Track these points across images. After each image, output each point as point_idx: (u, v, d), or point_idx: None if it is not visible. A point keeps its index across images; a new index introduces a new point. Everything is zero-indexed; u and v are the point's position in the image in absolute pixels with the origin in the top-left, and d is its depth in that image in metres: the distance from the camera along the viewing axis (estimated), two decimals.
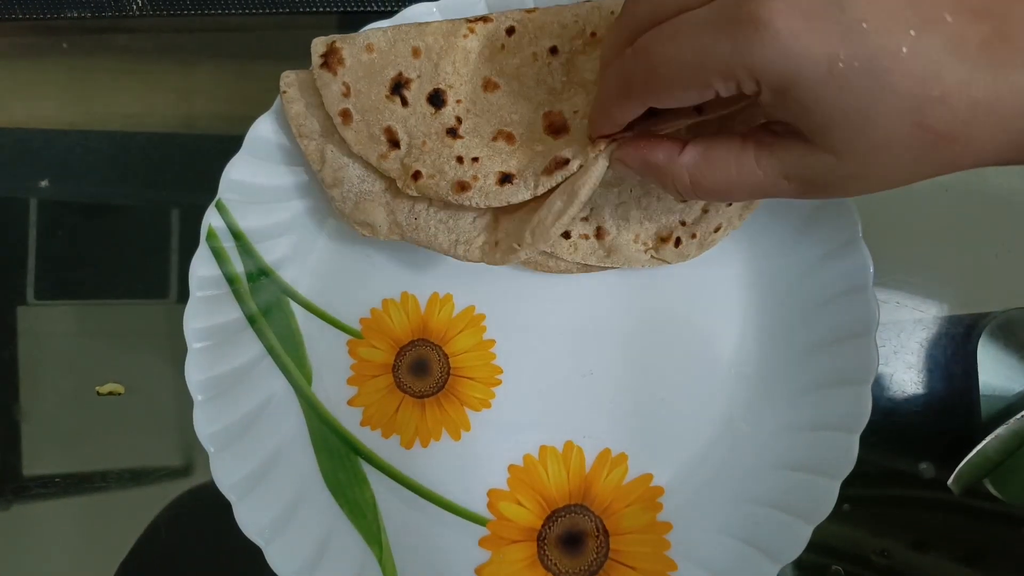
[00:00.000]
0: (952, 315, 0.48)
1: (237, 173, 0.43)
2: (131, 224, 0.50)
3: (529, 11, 0.42)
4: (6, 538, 0.49)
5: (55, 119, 0.51)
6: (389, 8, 0.48)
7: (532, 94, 0.41)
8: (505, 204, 0.40)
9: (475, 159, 0.41)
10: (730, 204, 0.43)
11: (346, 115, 0.41)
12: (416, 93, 0.41)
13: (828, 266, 0.43)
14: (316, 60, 0.41)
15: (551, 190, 0.39)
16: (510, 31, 0.41)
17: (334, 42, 0.41)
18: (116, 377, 0.49)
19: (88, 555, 0.48)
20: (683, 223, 0.44)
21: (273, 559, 0.42)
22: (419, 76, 0.41)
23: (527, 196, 0.40)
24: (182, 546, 0.47)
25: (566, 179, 0.39)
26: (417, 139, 0.41)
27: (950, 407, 0.47)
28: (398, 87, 0.41)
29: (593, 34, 0.42)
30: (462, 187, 0.40)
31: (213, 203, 0.43)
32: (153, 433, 0.48)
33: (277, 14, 0.49)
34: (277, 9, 0.49)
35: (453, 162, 0.40)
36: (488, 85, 0.41)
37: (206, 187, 0.43)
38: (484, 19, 0.42)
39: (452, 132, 0.41)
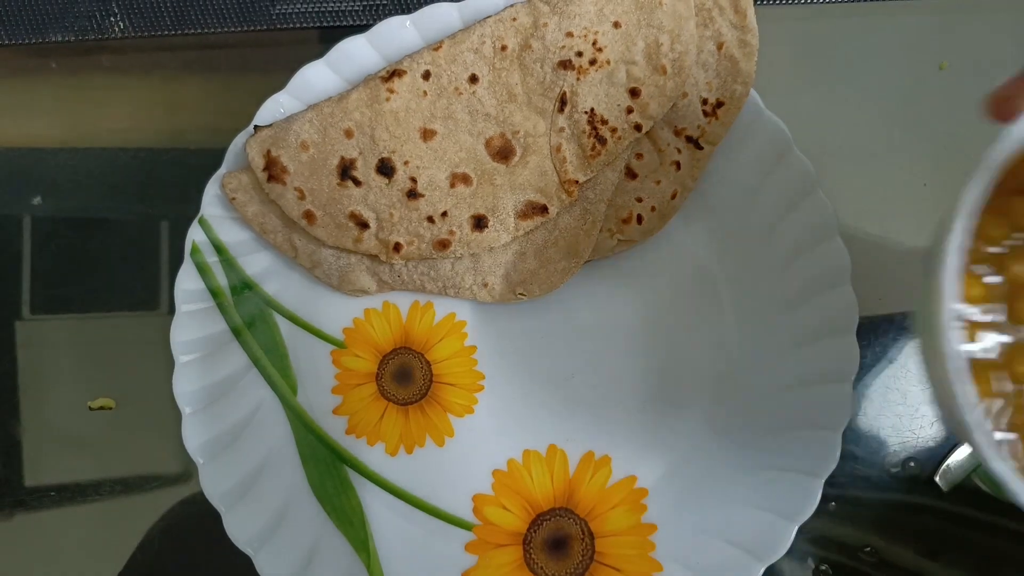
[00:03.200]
0: None
1: (219, 189, 0.44)
2: (122, 238, 0.51)
3: (436, 47, 0.43)
4: (9, 549, 0.50)
5: (46, 137, 0.52)
6: (364, 22, 0.48)
7: (469, 127, 0.43)
8: (488, 249, 0.43)
9: (444, 214, 0.42)
10: (679, 168, 0.43)
11: (309, 216, 0.43)
12: (364, 169, 0.42)
13: (806, 264, 0.43)
14: (260, 175, 0.42)
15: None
16: (426, 76, 0.42)
17: (268, 151, 0.42)
18: (110, 389, 0.49)
19: (86, 566, 0.49)
20: (639, 200, 0.44)
21: (263, 567, 0.43)
22: (360, 153, 0.42)
23: (507, 239, 0.43)
24: (176, 557, 0.48)
25: (543, 224, 0.43)
26: (383, 212, 0.42)
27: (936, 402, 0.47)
28: (346, 171, 0.42)
29: (504, 47, 0.42)
30: (443, 245, 0.43)
31: (196, 219, 0.44)
32: (147, 444, 0.49)
33: (255, 31, 0.50)
34: (255, 26, 0.49)
35: (425, 223, 0.43)
36: (426, 134, 0.42)
37: (195, 200, 0.44)
38: (398, 73, 0.42)
39: (412, 194, 0.42)
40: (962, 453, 0.46)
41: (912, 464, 0.47)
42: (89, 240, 0.51)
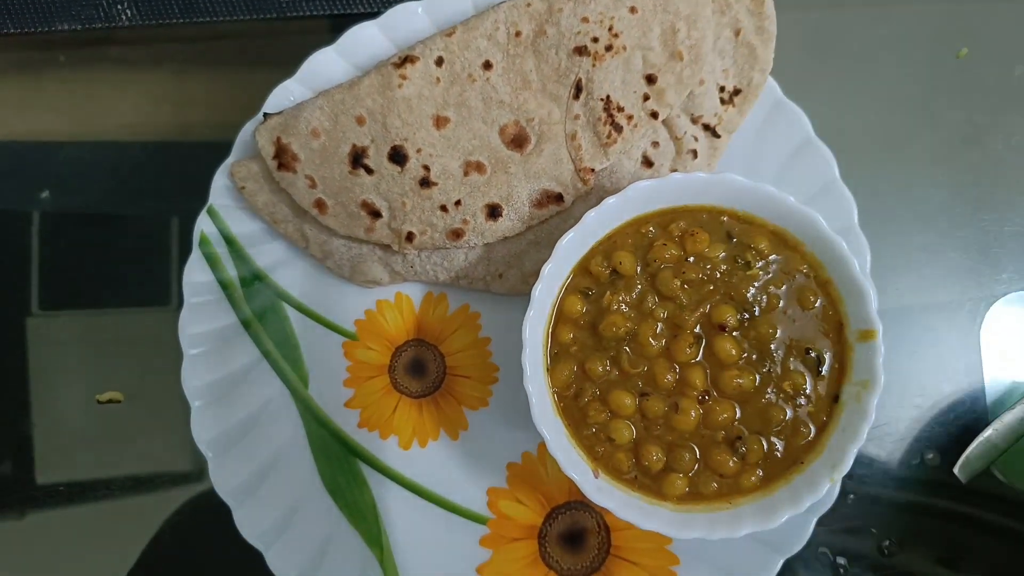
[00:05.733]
0: (952, 300, 0.47)
1: (228, 178, 0.43)
2: (131, 232, 0.51)
3: (448, 33, 0.42)
4: (21, 546, 0.49)
5: (54, 131, 0.52)
6: (375, 10, 0.47)
7: (483, 114, 0.42)
8: (502, 239, 0.43)
9: (457, 202, 0.42)
10: (696, 157, 0.43)
11: (320, 205, 0.42)
12: (376, 157, 0.42)
13: None
14: (270, 163, 0.42)
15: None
16: (439, 62, 0.41)
17: (279, 138, 0.42)
18: (120, 385, 0.49)
19: (98, 563, 0.49)
20: None
21: (274, 563, 0.42)
22: (372, 140, 0.42)
23: (521, 228, 0.43)
24: (187, 553, 0.48)
25: (558, 213, 0.42)
26: (396, 201, 0.42)
27: (955, 395, 0.46)
28: (357, 159, 0.41)
29: (518, 33, 0.42)
30: (457, 234, 0.42)
31: (204, 209, 0.43)
32: (157, 440, 0.48)
33: (264, 20, 0.49)
34: (264, 15, 0.49)
35: (439, 212, 0.42)
36: (439, 122, 0.42)
37: (203, 194, 0.44)
38: (410, 59, 0.41)
39: (425, 182, 0.42)
40: (981, 444, 0.45)
41: (931, 456, 0.46)
42: (97, 235, 0.51)
